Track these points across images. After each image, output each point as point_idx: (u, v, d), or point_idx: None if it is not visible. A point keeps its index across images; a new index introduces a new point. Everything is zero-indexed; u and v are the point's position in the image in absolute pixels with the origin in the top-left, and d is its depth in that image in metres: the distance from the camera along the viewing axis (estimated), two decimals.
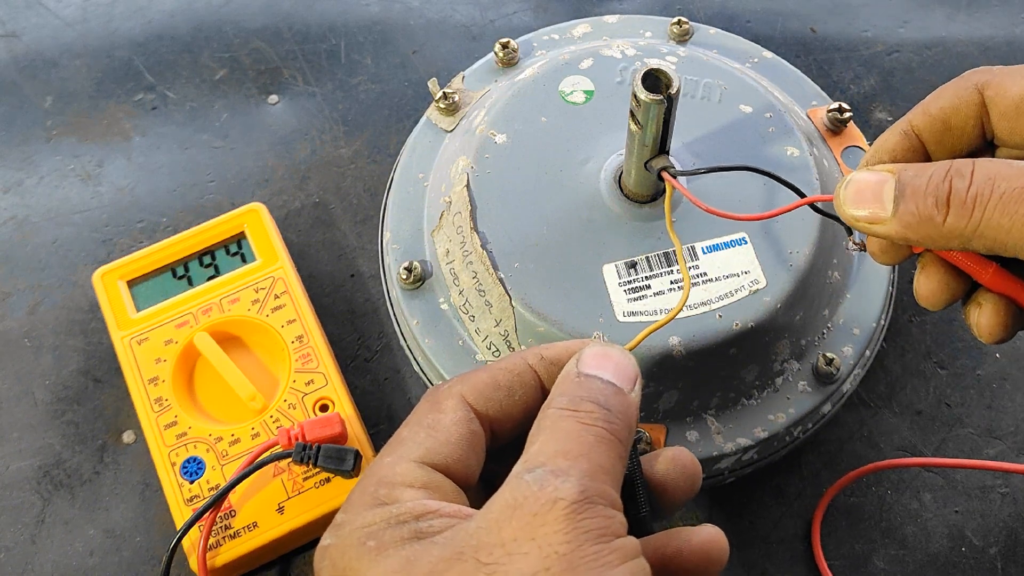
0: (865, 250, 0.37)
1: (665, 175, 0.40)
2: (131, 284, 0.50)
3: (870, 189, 0.31)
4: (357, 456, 0.43)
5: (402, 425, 0.31)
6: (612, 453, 0.28)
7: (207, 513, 0.43)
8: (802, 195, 0.37)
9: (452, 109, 0.49)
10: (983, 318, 0.32)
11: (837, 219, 0.37)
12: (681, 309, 0.36)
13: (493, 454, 0.32)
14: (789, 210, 0.37)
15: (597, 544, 0.25)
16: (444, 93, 0.49)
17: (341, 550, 0.28)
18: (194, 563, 0.43)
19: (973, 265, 0.32)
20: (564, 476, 0.26)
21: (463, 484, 0.30)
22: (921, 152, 0.34)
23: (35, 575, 0.46)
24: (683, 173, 0.40)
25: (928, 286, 0.33)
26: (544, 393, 0.31)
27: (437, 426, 0.30)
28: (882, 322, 0.46)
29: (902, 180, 0.30)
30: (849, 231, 0.36)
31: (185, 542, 0.44)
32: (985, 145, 0.34)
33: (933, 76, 0.59)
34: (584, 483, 0.26)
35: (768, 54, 0.52)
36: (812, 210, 0.37)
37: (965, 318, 0.33)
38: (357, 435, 0.46)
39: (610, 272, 0.42)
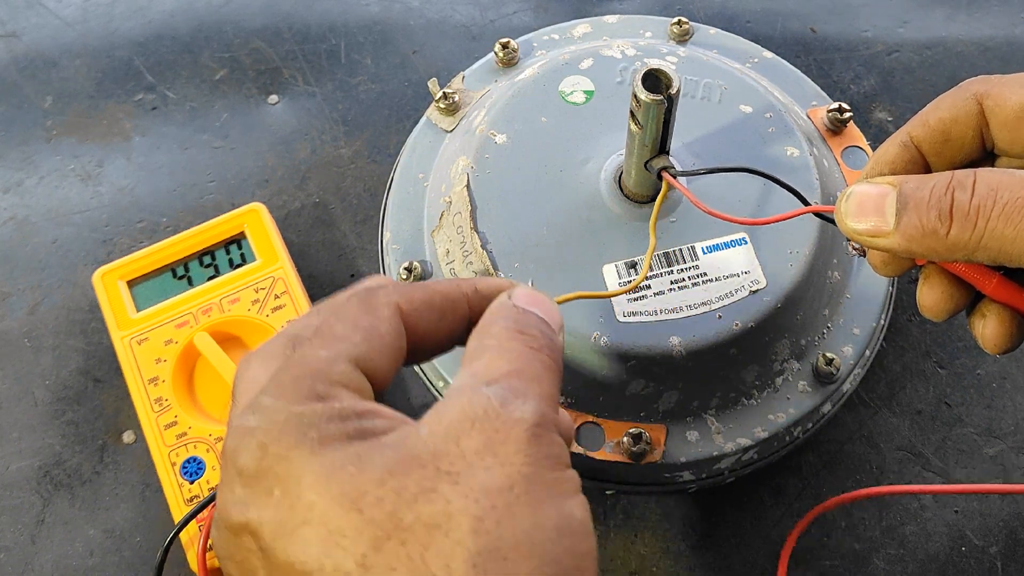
0: (865, 255, 0.36)
1: (665, 175, 0.40)
2: (131, 284, 0.50)
3: (871, 202, 0.31)
4: None
5: (330, 314, 0.29)
6: (556, 384, 0.29)
7: (206, 512, 0.43)
8: (801, 197, 0.37)
9: (452, 109, 0.49)
10: (988, 329, 0.32)
11: (829, 219, 0.37)
12: (624, 293, 0.38)
13: None
14: (788, 218, 0.36)
15: (555, 471, 0.26)
16: (444, 93, 0.49)
17: (273, 435, 0.26)
18: (192, 558, 0.43)
19: (976, 276, 0.32)
20: (524, 398, 0.26)
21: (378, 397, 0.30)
22: (921, 163, 0.34)
23: (35, 575, 0.46)
24: (683, 174, 0.40)
25: (931, 297, 0.33)
26: (469, 325, 0.31)
27: (374, 332, 0.29)
28: (882, 322, 0.46)
29: (904, 193, 0.30)
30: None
31: (183, 536, 0.44)
32: (985, 155, 0.34)
33: (933, 76, 0.59)
34: (542, 408, 0.26)
35: (768, 54, 0.52)
36: (815, 216, 0.37)
37: (970, 329, 0.33)
38: None
39: (610, 272, 0.42)
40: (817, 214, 0.37)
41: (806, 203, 0.37)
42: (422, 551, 0.23)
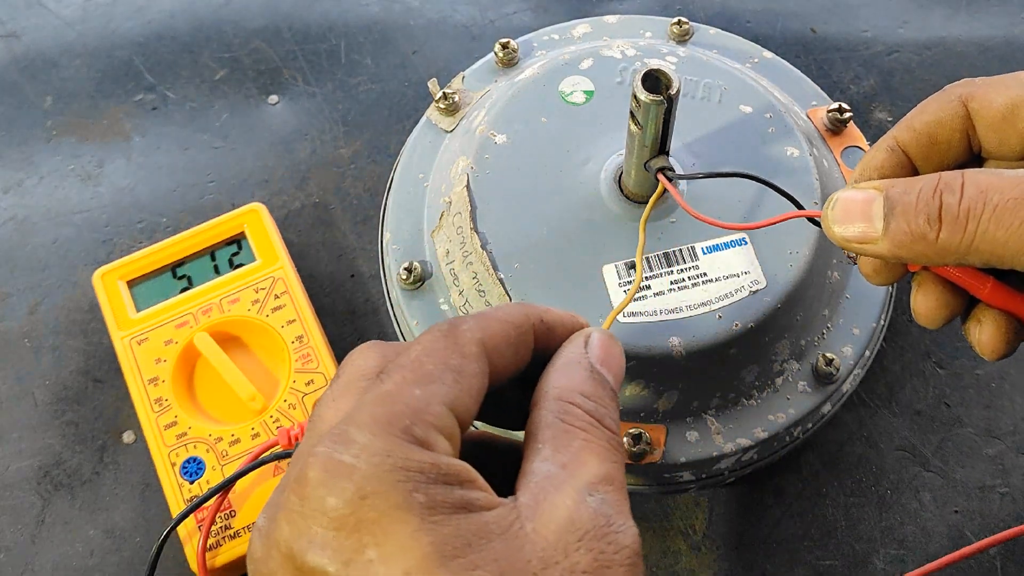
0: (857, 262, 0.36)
1: (661, 176, 0.40)
2: (131, 284, 0.50)
3: (858, 208, 0.30)
4: None
5: (420, 349, 0.28)
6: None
7: (203, 508, 0.43)
8: (795, 202, 0.37)
9: (452, 109, 0.49)
10: (984, 335, 0.32)
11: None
12: (634, 294, 0.37)
13: None
14: (777, 222, 0.36)
15: None
16: (444, 93, 0.49)
17: (374, 484, 0.24)
18: (191, 554, 0.43)
19: (970, 280, 0.31)
20: (623, 516, 0.26)
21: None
22: (908, 168, 0.33)
23: (35, 575, 0.46)
24: (681, 177, 0.40)
25: (926, 304, 0.33)
26: (529, 356, 0.31)
27: (463, 373, 0.28)
28: (882, 322, 0.46)
29: (891, 197, 0.30)
30: None
31: (181, 531, 0.44)
32: (972, 157, 0.33)
33: (933, 76, 0.59)
34: (635, 532, 0.26)
35: (768, 54, 0.52)
36: (809, 222, 0.37)
37: (965, 335, 0.33)
38: None
39: (610, 273, 0.42)
40: (811, 220, 0.37)
41: (799, 207, 0.37)
42: None
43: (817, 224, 0.36)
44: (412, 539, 0.24)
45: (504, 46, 0.51)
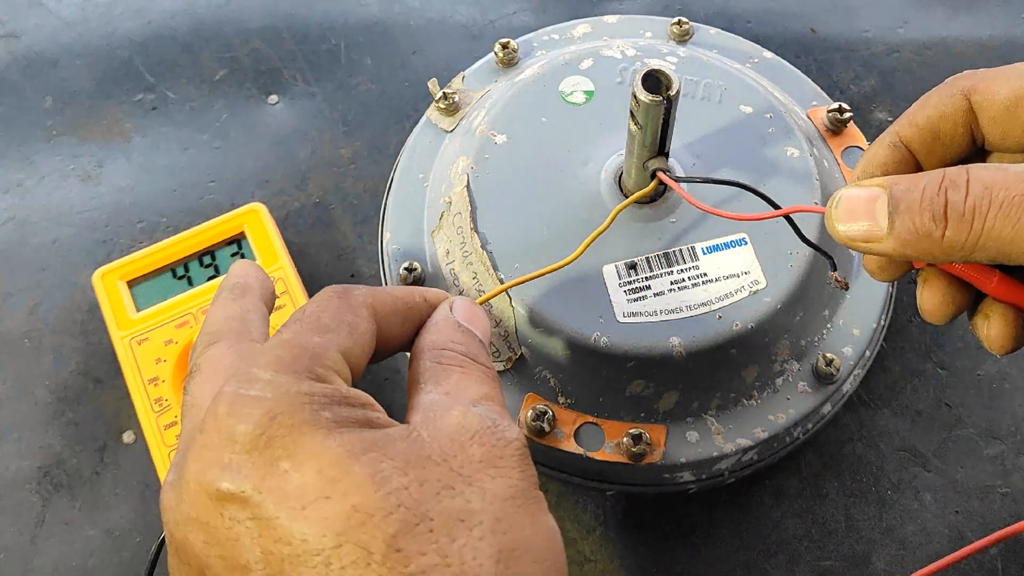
0: (847, 288, 0.36)
1: (660, 175, 0.40)
2: (131, 284, 0.50)
3: (862, 206, 0.30)
4: None
5: (315, 306, 0.31)
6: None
7: None
8: (775, 205, 0.37)
9: (452, 109, 0.49)
10: (992, 330, 0.31)
11: (815, 247, 0.37)
12: (542, 275, 0.39)
13: None
14: (778, 216, 0.36)
15: (537, 489, 0.28)
16: (444, 93, 0.49)
17: (283, 407, 0.26)
18: None
19: (976, 275, 0.31)
20: (507, 420, 0.29)
21: None
22: (911, 163, 0.33)
23: (35, 575, 0.46)
24: (677, 179, 0.40)
25: (932, 301, 0.32)
26: (415, 330, 0.34)
27: (356, 329, 0.31)
28: (882, 322, 0.46)
29: (895, 195, 0.29)
30: (833, 266, 0.36)
31: None
32: (976, 151, 0.33)
33: (933, 76, 0.59)
34: (519, 431, 0.29)
35: (768, 54, 0.52)
36: (799, 238, 0.37)
37: (974, 331, 0.32)
38: None
39: (610, 273, 0.42)
40: (800, 236, 0.37)
41: (789, 220, 0.37)
42: (449, 541, 0.25)
43: (794, 225, 0.36)
44: (322, 445, 0.26)
45: (504, 46, 0.51)
